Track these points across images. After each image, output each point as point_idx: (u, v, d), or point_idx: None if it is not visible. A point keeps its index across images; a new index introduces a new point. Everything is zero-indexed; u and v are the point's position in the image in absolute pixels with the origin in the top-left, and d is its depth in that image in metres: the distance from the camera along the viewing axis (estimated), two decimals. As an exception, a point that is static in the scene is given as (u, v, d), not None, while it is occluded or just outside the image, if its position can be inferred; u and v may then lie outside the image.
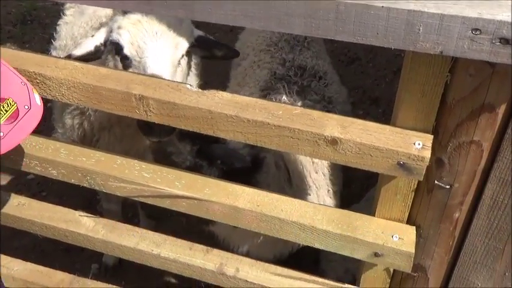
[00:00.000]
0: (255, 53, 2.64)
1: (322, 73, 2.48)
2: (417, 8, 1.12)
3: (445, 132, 1.38)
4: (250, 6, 1.22)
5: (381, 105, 4.01)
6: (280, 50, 2.56)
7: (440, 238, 1.59)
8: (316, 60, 2.55)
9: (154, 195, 1.69)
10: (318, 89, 2.33)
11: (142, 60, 1.99)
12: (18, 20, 4.77)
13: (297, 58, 2.50)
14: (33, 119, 1.34)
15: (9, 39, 4.57)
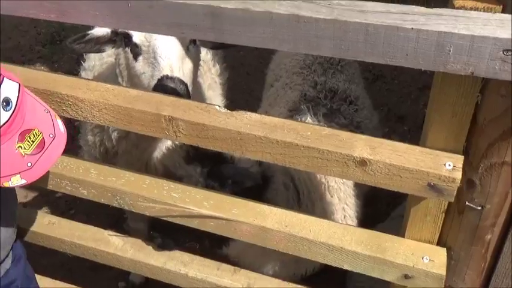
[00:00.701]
0: (288, 75, 2.66)
1: (354, 97, 2.47)
2: (447, 29, 1.12)
3: (476, 152, 1.37)
4: (280, 29, 1.23)
5: (407, 122, 3.98)
6: (313, 72, 2.57)
7: (471, 260, 1.57)
8: (349, 84, 2.55)
9: (182, 215, 1.70)
10: (347, 113, 2.32)
11: (151, 44, 1.99)
12: (48, 40, 4.87)
13: (328, 81, 2.50)
14: (58, 147, 1.36)
15: (39, 59, 4.67)
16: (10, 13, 1.44)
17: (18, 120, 1.25)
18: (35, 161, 1.30)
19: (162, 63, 1.96)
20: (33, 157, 1.29)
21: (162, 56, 1.96)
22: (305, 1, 1.24)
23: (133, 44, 2.02)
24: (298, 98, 2.36)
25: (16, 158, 1.27)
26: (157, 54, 1.96)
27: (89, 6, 1.34)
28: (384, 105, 4.11)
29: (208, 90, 2.57)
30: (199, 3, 1.27)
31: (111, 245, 1.94)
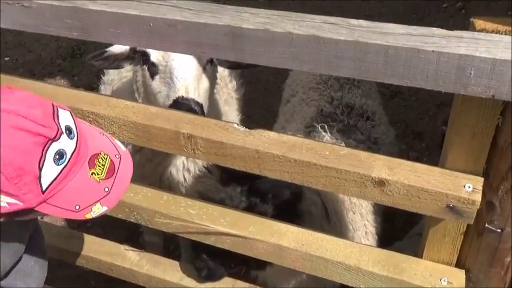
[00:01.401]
0: (304, 91, 2.66)
1: (371, 113, 2.46)
2: (469, 52, 1.12)
3: (497, 175, 1.36)
4: (300, 50, 1.24)
5: (425, 139, 3.95)
6: (329, 88, 2.56)
7: (491, 283, 1.55)
8: (366, 100, 2.54)
9: (199, 232, 1.70)
10: (364, 129, 2.32)
11: (168, 64, 2.00)
12: (68, 54, 4.93)
13: (345, 96, 2.49)
14: (127, 166, 1.34)
15: (59, 72, 4.73)
16: (33, 30, 1.47)
17: (83, 146, 1.23)
18: (111, 185, 1.27)
19: (177, 84, 1.97)
20: (108, 181, 1.27)
21: (178, 77, 1.97)
22: (325, 22, 1.24)
23: (150, 62, 2.04)
24: (315, 114, 2.36)
25: (92, 185, 1.24)
26: (174, 75, 1.98)
27: (111, 24, 1.36)
28: (402, 122, 4.09)
29: (225, 105, 2.58)
30: (220, 24, 1.28)
31: (127, 260, 1.95)
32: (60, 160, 1.16)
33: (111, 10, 1.34)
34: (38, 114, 1.15)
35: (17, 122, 1.11)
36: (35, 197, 1.15)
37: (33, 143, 1.12)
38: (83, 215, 1.23)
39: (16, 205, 1.14)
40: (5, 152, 1.09)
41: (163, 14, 1.31)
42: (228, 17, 1.29)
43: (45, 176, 1.14)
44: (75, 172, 1.21)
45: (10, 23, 1.48)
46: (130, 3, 1.36)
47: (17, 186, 1.12)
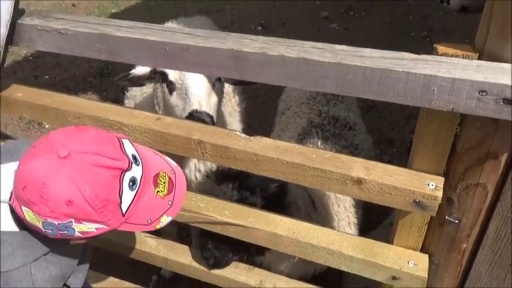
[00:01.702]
0: (297, 105, 2.65)
1: (352, 124, 2.46)
2: (432, 72, 1.13)
3: (455, 175, 1.36)
4: (292, 70, 1.25)
5: (395, 145, 3.96)
6: (318, 103, 2.56)
7: (449, 265, 1.54)
8: (348, 113, 2.54)
9: (207, 222, 1.70)
10: (347, 137, 2.31)
11: (184, 82, 2.00)
12: (98, 72, 4.93)
13: (331, 110, 2.49)
14: (182, 179, 1.33)
15: (90, 89, 4.73)
16: (68, 53, 1.47)
17: (146, 170, 1.22)
18: (173, 198, 1.27)
19: (192, 99, 1.97)
20: (170, 195, 1.26)
21: (192, 93, 1.97)
22: (313, 47, 1.25)
23: (169, 81, 2.04)
24: (306, 124, 2.36)
25: (159, 201, 1.24)
26: (189, 91, 1.98)
27: (133, 48, 1.37)
28: (377, 131, 4.09)
29: (229, 117, 2.58)
30: (225, 48, 1.28)
31: (146, 245, 1.94)
32: (133, 186, 1.16)
33: (134, 36, 1.35)
34: (110, 150, 1.14)
35: (96, 161, 1.10)
36: (117, 220, 1.15)
37: (111, 176, 1.12)
38: (154, 226, 1.24)
39: (103, 229, 1.15)
40: (91, 188, 1.08)
41: (177, 40, 1.32)
42: (232, 43, 1.29)
43: (124, 202, 1.15)
44: (145, 193, 1.20)
45: (49, 47, 1.49)
46: (150, 31, 1.36)
47: (103, 214, 1.12)
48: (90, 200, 1.08)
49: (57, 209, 1.07)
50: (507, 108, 1.10)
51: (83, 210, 1.09)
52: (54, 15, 1.48)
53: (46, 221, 1.10)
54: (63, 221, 1.09)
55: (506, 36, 1.11)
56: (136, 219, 1.20)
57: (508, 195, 1.32)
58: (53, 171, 1.06)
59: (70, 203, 1.07)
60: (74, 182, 1.07)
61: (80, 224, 1.11)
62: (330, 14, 5.92)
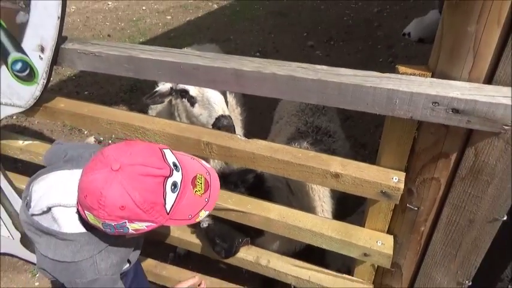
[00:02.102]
0: (288, 116, 2.63)
1: (332, 132, 2.44)
2: (394, 87, 1.13)
3: (414, 171, 1.35)
4: (281, 85, 1.24)
5: (367, 148, 3.95)
6: (305, 114, 2.55)
7: (411, 244, 1.54)
8: (329, 123, 2.52)
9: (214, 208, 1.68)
10: (327, 143, 2.30)
11: (204, 95, 1.99)
12: (128, 89, 4.92)
13: (315, 120, 2.48)
14: (216, 179, 1.32)
15: (121, 102, 4.72)
16: (102, 71, 1.47)
17: (185, 174, 1.21)
18: (209, 196, 1.26)
19: (216, 107, 1.96)
20: (206, 194, 1.25)
21: (215, 102, 1.97)
22: (299, 67, 1.25)
23: (190, 96, 2.03)
24: (294, 131, 2.35)
25: (197, 199, 1.22)
26: (211, 101, 1.97)
27: (154, 68, 1.36)
28: (352, 137, 4.08)
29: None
30: (228, 67, 1.28)
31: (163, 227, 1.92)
32: (175, 189, 1.16)
33: (155, 58, 1.34)
34: (155, 161, 1.14)
35: (143, 171, 1.10)
36: (163, 218, 1.15)
37: (156, 183, 1.11)
38: (194, 220, 1.23)
39: (152, 226, 1.15)
40: (140, 194, 1.08)
41: (190, 60, 1.32)
42: (234, 63, 1.29)
43: (168, 203, 1.14)
44: (185, 193, 1.20)
45: (87, 67, 1.48)
46: (167, 54, 1.36)
47: (151, 214, 1.12)
48: (140, 204, 1.09)
49: (113, 213, 1.09)
50: (455, 116, 1.10)
51: (134, 213, 1.10)
52: (91, 41, 1.48)
53: (105, 223, 1.12)
54: (119, 222, 1.11)
55: (453, 60, 1.11)
56: (179, 215, 1.19)
57: (458, 187, 1.31)
58: (108, 182, 1.08)
59: (123, 208, 1.08)
60: (125, 190, 1.08)
61: (133, 224, 1.12)
62: (314, 43, 5.93)
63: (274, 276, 1.83)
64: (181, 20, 6.92)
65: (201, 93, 2.01)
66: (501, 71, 1.07)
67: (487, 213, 1.30)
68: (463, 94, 1.07)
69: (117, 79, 5.03)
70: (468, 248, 1.41)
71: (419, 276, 1.59)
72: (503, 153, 1.17)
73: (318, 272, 1.77)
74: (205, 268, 2.34)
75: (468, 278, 1.50)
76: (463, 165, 1.26)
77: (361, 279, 1.74)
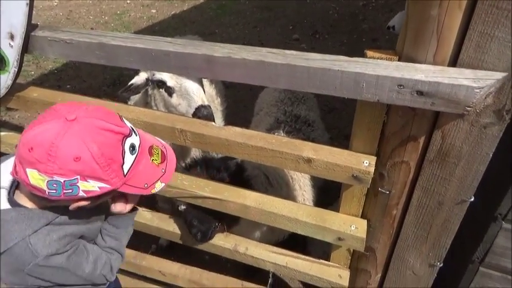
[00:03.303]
0: (268, 106, 2.64)
1: (311, 121, 2.45)
2: (361, 71, 1.14)
3: (384, 154, 1.38)
4: (252, 70, 1.25)
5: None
6: (284, 104, 2.55)
7: (383, 228, 1.56)
8: (308, 112, 2.53)
9: (190, 196, 1.69)
10: (306, 132, 2.31)
11: (182, 85, 1.98)
12: (111, 82, 4.88)
13: (294, 110, 2.48)
14: (172, 153, 1.28)
15: (104, 96, 4.67)
16: (74, 59, 1.46)
17: (143, 141, 1.17)
18: (165, 167, 1.21)
19: (194, 97, 1.96)
20: (163, 164, 1.20)
21: (194, 92, 1.96)
22: (269, 52, 1.26)
23: (167, 86, 2.02)
24: (273, 122, 2.36)
25: (154, 168, 1.17)
26: (189, 91, 1.96)
27: (125, 54, 1.36)
28: (336, 128, 4.12)
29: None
30: (199, 53, 1.28)
31: (142, 217, 1.93)
32: (133, 151, 1.10)
33: (126, 44, 1.34)
34: (114, 118, 1.08)
35: (102, 125, 1.03)
36: (119, 180, 1.07)
37: (116, 140, 1.05)
38: (150, 190, 1.17)
39: (105, 188, 1.06)
40: (99, 147, 1.00)
41: (161, 47, 1.31)
42: (205, 49, 1.29)
43: (126, 164, 1.07)
44: (143, 159, 1.14)
45: (58, 54, 1.47)
46: (138, 40, 1.36)
47: (107, 173, 1.04)
48: (97, 158, 1.00)
49: (65, 165, 0.98)
50: (420, 98, 1.12)
51: (89, 167, 1.00)
52: (61, 28, 1.47)
53: (52, 179, 0.99)
54: (70, 177, 1.00)
55: (418, 44, 1.13)
56: (135, 182, 1.13)
57: (427, 170, 1.34)
58: (62, 132, 0.98)
59: (78, 159, 0.98)
60: (82, 140, 0.99)
61: (85, 182, 1.02)
62: (300, 36, 5.95)
63: (253, 263, 1.85)
64: (166, 14, 6.87)
65: (178, 83, 2.01)
66: (464, 54, 1.09)
67: (455, 195, 1.34)
68: (427, 76, 1.09)
69: (100, 72, 4.99)
70: (438, 230, 1.45)
71: (393, 259, 1.63)
72: (468, 135, 1.20)
73: (295, 258, 1.80)
74: (188, 259, 2.35)
75: (439, 259, 1.53)
76: (431, 148, 1.28)
77: (337, 263, 1.77)
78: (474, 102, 1.08)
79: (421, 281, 1.63)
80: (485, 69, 1.08)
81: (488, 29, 1.02)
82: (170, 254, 2.73)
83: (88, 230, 1.29)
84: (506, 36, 1.01)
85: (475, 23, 1.03)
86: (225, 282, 2.08)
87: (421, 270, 1.59)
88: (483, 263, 1.56)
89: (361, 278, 1.78)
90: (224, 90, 2.87)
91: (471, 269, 1.61)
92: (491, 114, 1.13)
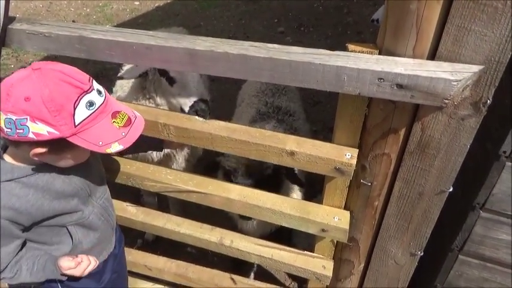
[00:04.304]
0: (249, 98, 2.63)
1: (292, 112, 2.45)
2: (342, 64, 1.15)
3: (366, 147, 1.40)
4: (234, 64, 1.25)
5: (335, 132, 4.03)
6: (265, 95, 2.55)
7: (366, 219, 1.59)
8: (289, 103, 2.53)
9: (175, 191, 1.69)
10: (288, 122, 2.32)
11: (183, 77, 1.95)
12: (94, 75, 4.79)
13: (275, 101, 2.49)
14: (140, 123, 1.31)
15: (87, 89, 4.61)
16: (54, 53, 1.43)
17: (108, 104, 1.23)
18: (127, 132, 1.25)
19: (194, 89, 1.94)
20: (125, 128, 1.25)
21: (195, 85, 1.95)
22: (251, 46, 1.25)
23: (168, 75, 1.98)
24: (255, 113, 2.36)
25: (113, 129, 1.22)
26: (191, 84, 1.94)
27: (106, 48, 1.34)
28: (320, 121, 4.15)
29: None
30: (181, 47, 1.27)
31: (127, 212, 1.92)
32: (90, 107, 1.17)
33: (107, 38, 1.32)
34: (78, 75, 1.17)
35: (62, 77, 1.12)
36: (68, 129, 1.13)
37: (71, 91, 1.13)
38: (104, 149, 1.22)
39: (54, 134, 1.13)
40: (51, 94, 1.09)
41: (142, 40, 1.30)
42: (186, 42, 1.28)
43: (77, 115, 1.14)
44: (101, 118, 1.21)
45: (37, 48, 1.44)
46: (120, 34, 1.34)
47: (56, 118, 1.11)
48: (46, 101, 1.09)
49: (17, 104, 1.08)
50: (399, 91, 1.14)
51: (37, 108, 1.09)
52: (40, 21, 1.44)
53: (7, 117, 1.10)
54: (20, 116, 1.09)
55: (397, 37, 1.14)
56: (88, 137, 1.19)
57: (408, 162, 1.36)
58: (23, 77, 1.11)
59: (28, 99, 1.08)
60: (36, 85, 1.09)
61: (34, 124, 1.10)
62: (285, 29, 5.94)
63: (238, 255, 1.86)
64: (149, 6, 6.77)
65: (180, 74, 1.97)
66: (442, 47, 1.11)
67: (435, 185, 1.37)
68: (406, 70, 1.10)
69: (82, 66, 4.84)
70: (419, 219, 1.48)
71: (376, 250, 1.66)
72: (447, 127, 1.23)
73: (280, 250, 1.81)
74: (174, 253, 2.35)
75: (420, 248, 1.57)
76: (411, 140, 1.30)
77: (322, 254, 1.80)
78: (452, 94, 1.10)
79: (402, 270, 1.67)
80: (462, 62, 1.10)
81: (465, 23, 1.04)
82: (156, 249, 2.73)
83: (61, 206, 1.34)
84: (482, 29, 1.03)
85: (452, 16, 1.05)
86: (212, 276, 2.08)
87: (403, 259, 1.63)
88: (462, 251, 1.60)
89: (344, 268, 1.81)
90: (208, 82, 2.85)
91: (451, 257, 1.65)
92: (468, 107, 1.16)
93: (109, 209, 1.58)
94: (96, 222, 1.49)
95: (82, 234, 1.46)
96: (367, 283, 1.80)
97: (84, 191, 1.42)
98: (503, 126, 1.31)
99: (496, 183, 1.39)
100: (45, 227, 1.36)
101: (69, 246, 1.45)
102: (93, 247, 1.51)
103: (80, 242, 1.46)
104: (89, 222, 1.46)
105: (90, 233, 1.48)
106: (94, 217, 1.48)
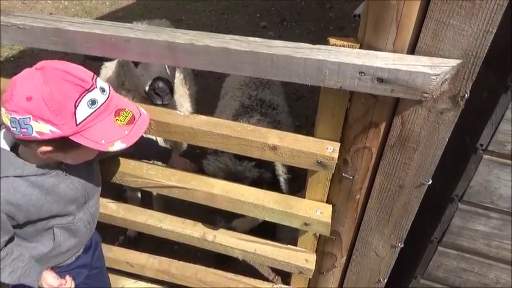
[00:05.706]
0: (232, 91, 2.61)
1: (276, 105, 2.45)
2: (324, 58, 1.14)
3: (348, 141, 1.40)
4: (215, 57, 1.23)
5: (318, 127, 4.05)
6: (249, 88, 2.54)
7: (348, 212, 1.60)
8: (273, 96, 2.53)
9: (156, 186, 1.67)
10: (272, 115, 2.31)
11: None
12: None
13: (259, 94, 2.48)
14: (144, 122, 1.30)
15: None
16: (28, 45, 1.38)
17: (112, 102, 1.22)
18: (130, 130, 1.23)
19: (154, 69, 1.99)
20: (128, 127, 1.23)
21: (155, 65, 1.98)
22: (232, 39, 1.24)
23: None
24: (239, 107, 2.35)
25: (116, 127, 1.21)
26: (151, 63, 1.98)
27: (83, 41, 1.30)
28: (303, 116, 4.16)
29: (180, 97, 2.53)
30: (160, 40, 1.24)
31: (108, 209, 1.88)
32: (92, 105, 1.16)
33: (84, 30, 1.28)
34: (81, 74, 1.17)
35: (64, 76, 1.13)
36: (70, 128, 1.13)
37: (73, 90, 1.13)
38: (107, 147, 1.20)
39: (57, 133, 1.13)
40: (51, 91, 1.10)
41: (120, 33, 1.26)
42: (166, 35, 1.25)
43: (79, 114, 1.14)
44: (104, 117, 1.20)
45: (12, 40, 1.39)
46: (97, 26, 1.30)
47: (57, 117, 1.11)
48: (47, 100, 1.09)
49: (19, 103, 1.10)
50: (380, 85, 1.14)
51: (39, 108, 1.09)
52: (14, 12, 1.38)
53: (12, 116, 1.12)
54: (23, 115, 1.10)
55: (378, 31, 1.14)
56: (91, 136, 1.18)
57: (388, 155, 1.37)
58: (26, 77, 1.13)
59: (30, 98, 1.09)
60: (37, 84, 1.10)
61: (37, 123, 1.11)
62: (267, 24, 5.92)
63: (222, 251, 1.85)
64: (130, -1, 6.64)
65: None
66: (422, 42, 1.12)
67: (414, 178, 1.38)
68: (387, 64, 1.11)
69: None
70: (399, 212, 1.50)
71: (357, 242, 1.67)
72: (426, 120, 1.24)
73: (263, 244, 1.81)
74: (156, 249, 2.33)
75: (400, 240, 1.59)
76: (392, 133, 1.32)
77: (304, 248, 1.81)
78: (431, 88, 1.11)
79: (383, 261, 1.69)
80: (441, 56, 1.11)
81: (444, 17, 1.05)
82: (139, 245, 2.70)
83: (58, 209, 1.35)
84: (460, 24, 1.04)
85: (431, 11, 1.05)
86: (195, 271, 2.07)
87: (384, 251, 1.65)
88: (441, 242, 1.64)
89: (327, 261, 1.82)
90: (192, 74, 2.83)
91: (430, 248, 1.69)
92: (447, 100, 1.17)
93: (96, 216, 1.60)
94: (81, 229, 1.51)
95: (64, 238, 1.46)
96: (349, 275, 1.82)
97: (83, 198, 1.44)
98: (481, 120, 1.33)
99: (473, 176, 1.41)
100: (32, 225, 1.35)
101: (48, 247, 1.43)
102: (68, 251, 1.53)
103: (59, 245, 1.47)
104: (75, 227, 1.47)
105: (71, 238, 1.49)
106: (81, 224, 1.50)
